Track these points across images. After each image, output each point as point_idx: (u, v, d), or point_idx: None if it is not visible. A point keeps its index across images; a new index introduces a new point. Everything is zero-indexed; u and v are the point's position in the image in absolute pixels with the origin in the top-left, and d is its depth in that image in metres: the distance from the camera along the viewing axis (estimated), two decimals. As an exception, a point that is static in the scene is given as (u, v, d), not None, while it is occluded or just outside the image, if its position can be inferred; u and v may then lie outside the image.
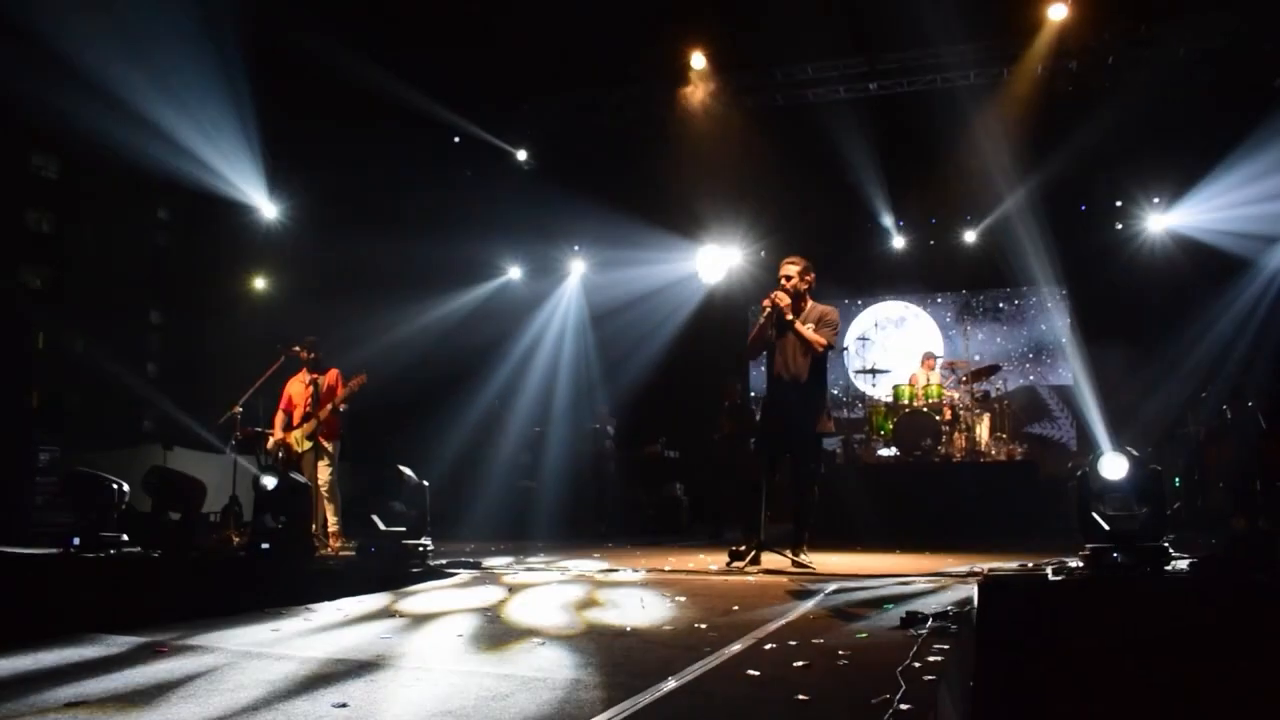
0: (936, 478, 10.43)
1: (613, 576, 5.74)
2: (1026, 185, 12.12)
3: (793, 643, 3.46)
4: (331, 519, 7.98)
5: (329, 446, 8.16)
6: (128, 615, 4.30)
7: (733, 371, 13.65)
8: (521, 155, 13.22)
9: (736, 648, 3.40)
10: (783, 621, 3.95)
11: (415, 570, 5.96)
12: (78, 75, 9.04)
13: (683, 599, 4.66)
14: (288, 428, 8.19)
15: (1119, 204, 13.03)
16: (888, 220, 13.62)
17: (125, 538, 7.34)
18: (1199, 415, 10.32)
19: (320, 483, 7.97)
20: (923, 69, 11.69)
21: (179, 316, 12.73)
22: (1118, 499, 5.00)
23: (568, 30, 10.94)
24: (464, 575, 5.83)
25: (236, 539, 7.64)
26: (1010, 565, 5.77)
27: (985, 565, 5.76)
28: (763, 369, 13.66)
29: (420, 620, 4.20)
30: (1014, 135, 11.60)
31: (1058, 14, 10.86)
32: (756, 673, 3.01)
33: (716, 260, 14.06)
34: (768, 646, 3.44)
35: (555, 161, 13.12)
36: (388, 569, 5.82)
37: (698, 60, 11.94)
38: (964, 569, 5.64)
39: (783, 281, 6.51)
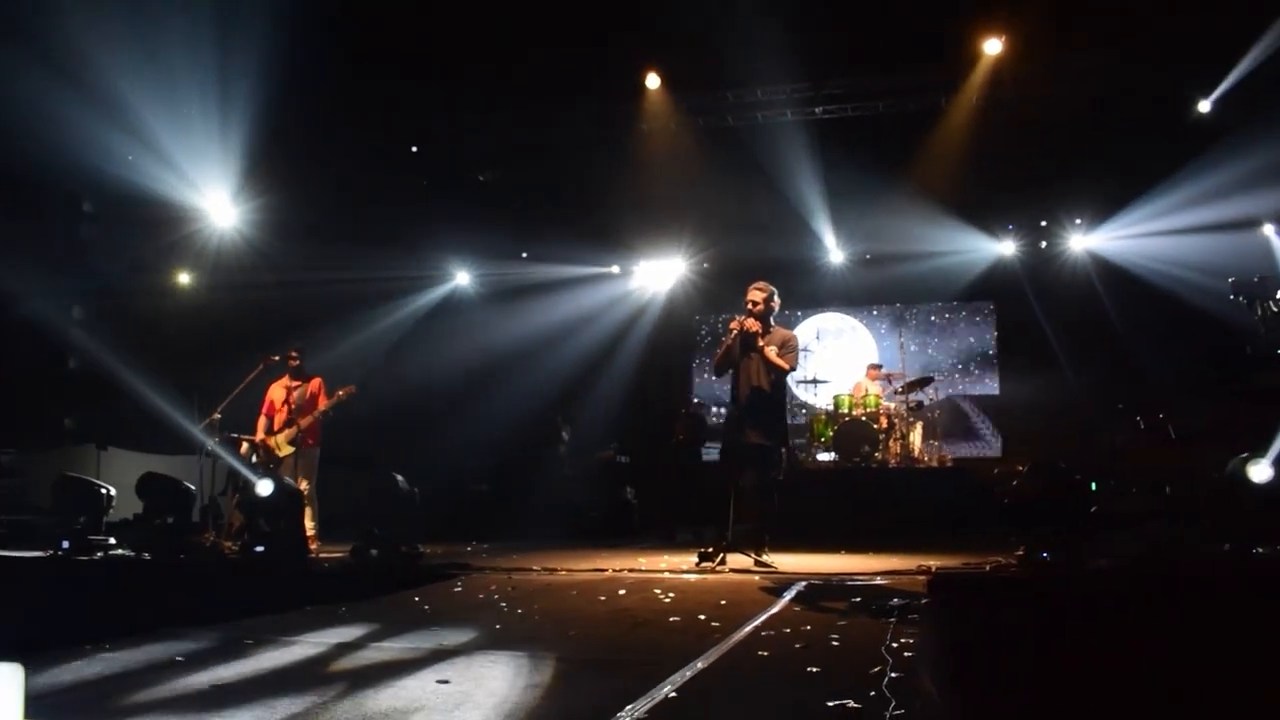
0: (874, 483, 11.27)
1: (599, 576, 6.41)
2: (956, 205, 13.18)
3: (786, 630, 4.19)
4: (309, 523, 8.48)
5: (310, 452, 8.69)
6: (174, 613, 4.83)
7: (681, 380, 14.45)
8: (480, 170, 13.76)
9: (740, 635, 4.11)
10: (770, 613, 4.68)
11: (414, 572, 6.55)
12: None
13: (673, 595, 5.36)
14: (269, 431, 8.69)
15: (1044, 224, 14.11)
16: (829, 236, 14.51)
17: (112, 541, 7.77)
18: (1115, 424, 11.37)
19: (300, 488, 8.48)
20: (867, 95, 12.55)
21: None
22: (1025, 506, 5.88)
23: (526, 45, 11.57)
24: (463, 576, 6.44)
25: (226, 542, 8.10)
26: (954, 563, 6.61)
27: (931, 563, 6.56)
28: (707, 377, 14.51)
29: (454, 615, 4.83)
30: (949, 158, 12.61)
31: (993, 48, 11.82)
32: (766, 653, 3.72)
33: (663, 271, 14.81)
34: (765, 633, 4.16)
35: (511, 174, 13.70)
36: (390, 571, 6.41)
37: (653, 80, 12.62)
38: (913, 567, 6.44)
39: (749, 306, 7.30)
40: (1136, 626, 4.03)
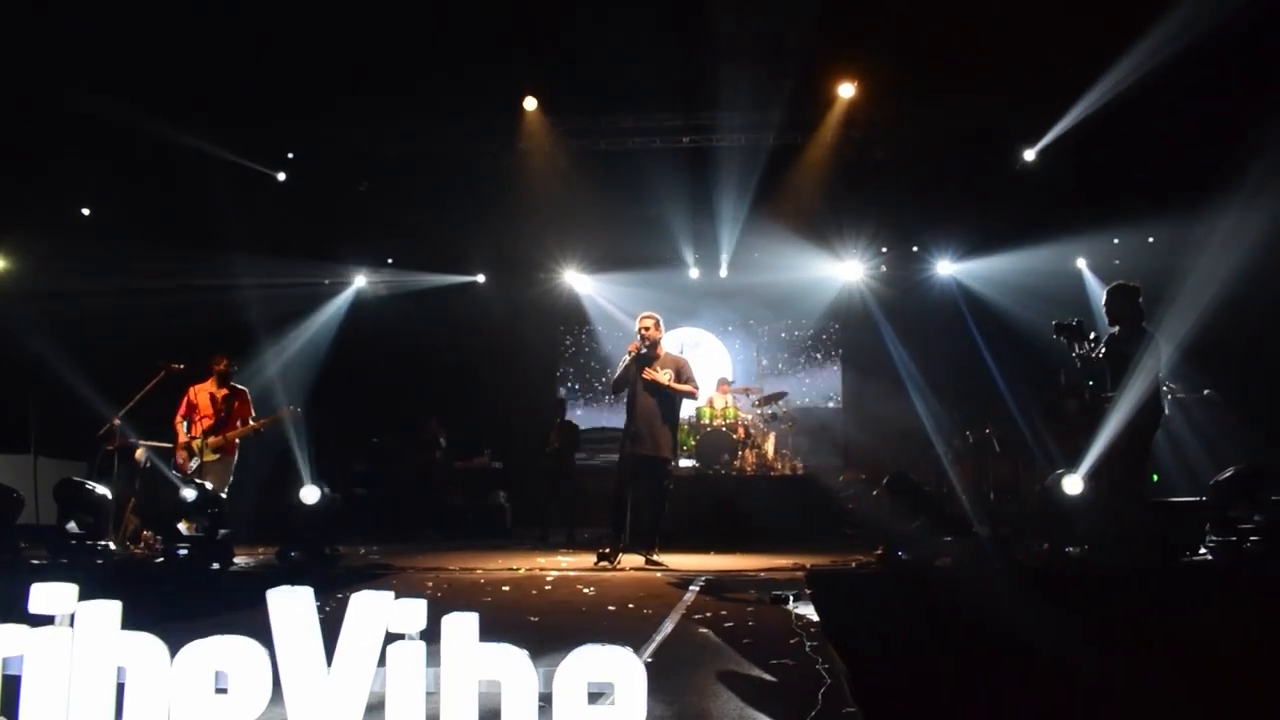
0: (733, 489, 12.51)
1: (517, 574, 7.27)
2: (810, 232, 14.67)
3: (708, 614, 5.21)
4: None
5: (229, 460, 9.21)
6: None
7: (547, 387, 15.37)
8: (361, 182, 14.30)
9: (675, 618, 5.10)
10: (688, 601, 5.70)
11: (342, 573, 7.26)
12: None
13: (594, 589, 6.31)
14: (189, 435, 9.16)
15: (884, 250, 15.76)
16: (689, 255, 15.75)
17: (23, 545, 8.08)
18: (947, 437, 12.99)
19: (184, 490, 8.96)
20: (731, 129, 13.81)
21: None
22: (903, 514, 7.15)
23: (422, 63, 12.28)
24: (392, 576, 7.18)
25: (135, 548, 8.50)
26: (824, 561, 7.81)
27: (806, 561, 7.74)
28: (572, 385, 15.43)
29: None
30: (806, 189, 14.07)
31: (846, 92, 13.28)
32: (705, 630, 4.73)
33: (533, 282, 15.72)
34: (695, 616, 5.17)
35: (387, 185, 14.30)
36: (311, 572, 7.08)
37: (530, 103, 13.50)
38: (790, 564, 7.61)
39: (642, 333, 8.38)
40: (971, 606, 5.28)
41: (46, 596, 2.42)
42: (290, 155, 14.03)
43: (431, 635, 2.34)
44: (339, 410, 12.91)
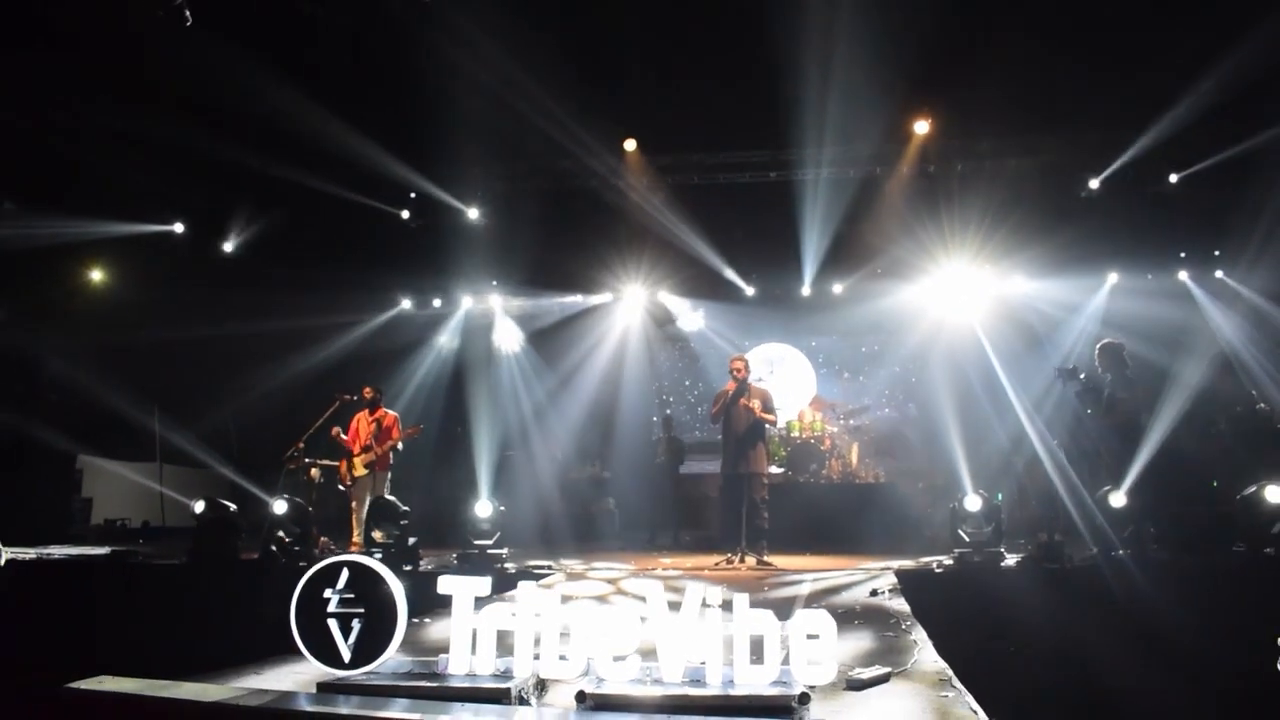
0: (821, 496, 14.30)
1: (655, 575, 9.20)
2: (887, 255, 16.38)
3: (824, 604, 7.08)
4: (358, 534, 11.11)
5: (382, 474, 11.30)
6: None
7: (649, 405, 17.32)
8: (473, 213, 16.35)
9: (799, 606, 6.97)
10: (806, 593, 7.58)
11: (510, 571, 9.26)
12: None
13: (723, 585, 8.19)
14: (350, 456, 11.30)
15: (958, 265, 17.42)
16: (771, 271, 17.54)
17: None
18: (1020, 449, 14.66)
19: (369, 503, 11.10)
20: (812, 163, 15.61)
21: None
22: (975, 522, 8.95)
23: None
24: (554, 576, 9.16)
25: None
26: (908, 562, 9.65)
27: (895, 563, 9.57)
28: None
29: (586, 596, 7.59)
30: (883, 216, 15.83)
31: (921, 129, 15.01)
32: (839, 608, 6.61)
33: (630, 303, 17.67)
34: (815, 605, 7.03)
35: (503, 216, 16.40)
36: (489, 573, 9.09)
37: (630, 144, 15.45)
38: (879, 565, 9.45)
39: (734, 373, 10.47)
40: (1032, 600, 7.11)
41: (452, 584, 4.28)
42: (413, 195, 16.13)
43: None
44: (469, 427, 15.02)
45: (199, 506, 10.06)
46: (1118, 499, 8.70)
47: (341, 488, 11.49)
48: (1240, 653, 4.99)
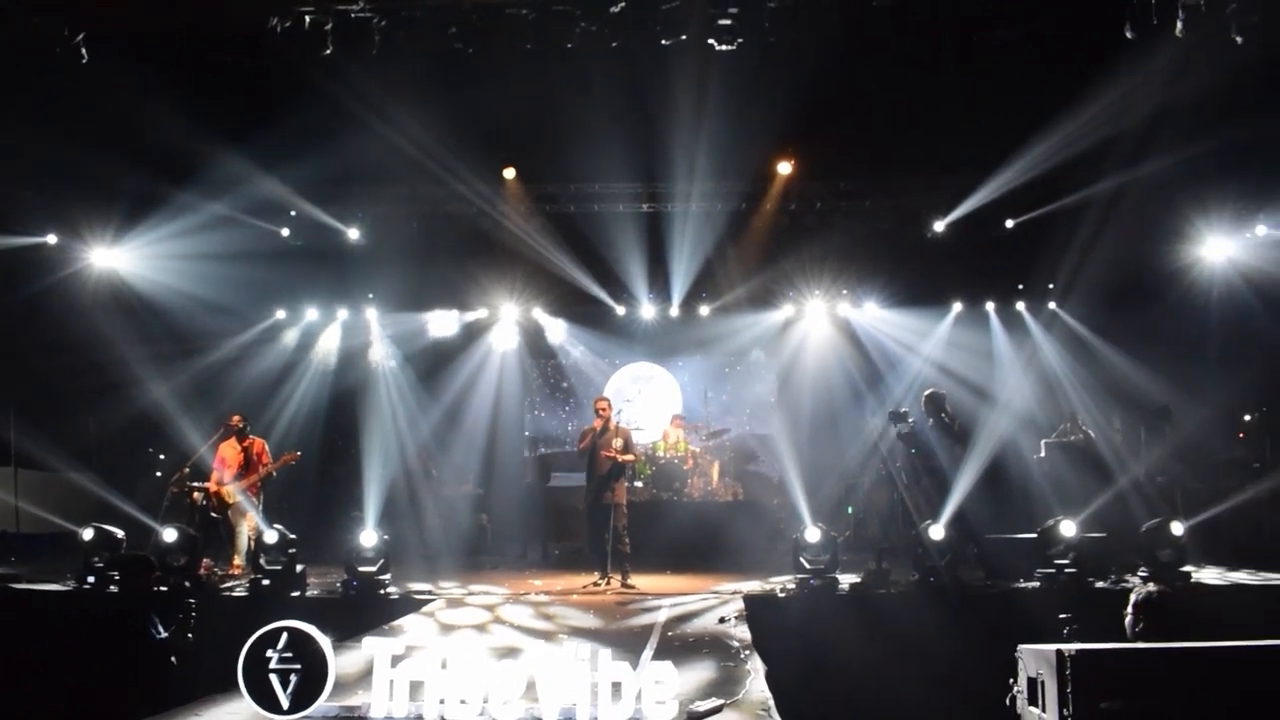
0: (682, 514, 15.58)
1: (527, 598, 10.32)
2: (751, 284, 17.85)
3: (681, 629, 8.33)
4: (238, 558, 12.01)
5: (254, 500, 12.13)
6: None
7: (518, 420, 18.38)
8: (354, 233, 17.11)
9: (659, 627, 8.20)
10: (664, 619, 8.83)
11: (394, 598, 10.25)
12: None
13: (592, 613, 9.39)
14: (220, 483, 12.11)
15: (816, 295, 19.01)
16: (641, 294, 18.77)
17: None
18: (866, 470, 16.30)
19: (243, 529, 11.98)
20: (683, 197, 16.88)
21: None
22: (815, 551, 10.37)
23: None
24: (436, 604, 10.17)
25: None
26: (755, 585, 11.02)
27: (744, 586, 10.91)
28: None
29: (467, 626, 8.67)
30: (748, 248, 17.28)
31: (784, 169, 16.44)
32: (689, 636, 7.85)
33: (505, 322, 18.71)
34: (669, 633, 8.29)
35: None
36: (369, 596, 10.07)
37: (509, 172, 16.47)
38: (731, 588, 10.76)
39: (599, 411, 11.89)
40: (853, 627, 8.54)
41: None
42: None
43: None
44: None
45: (88, 534, 10.72)
46: (936, 531, 10.22)
47: (215, 515, 12.29)
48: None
